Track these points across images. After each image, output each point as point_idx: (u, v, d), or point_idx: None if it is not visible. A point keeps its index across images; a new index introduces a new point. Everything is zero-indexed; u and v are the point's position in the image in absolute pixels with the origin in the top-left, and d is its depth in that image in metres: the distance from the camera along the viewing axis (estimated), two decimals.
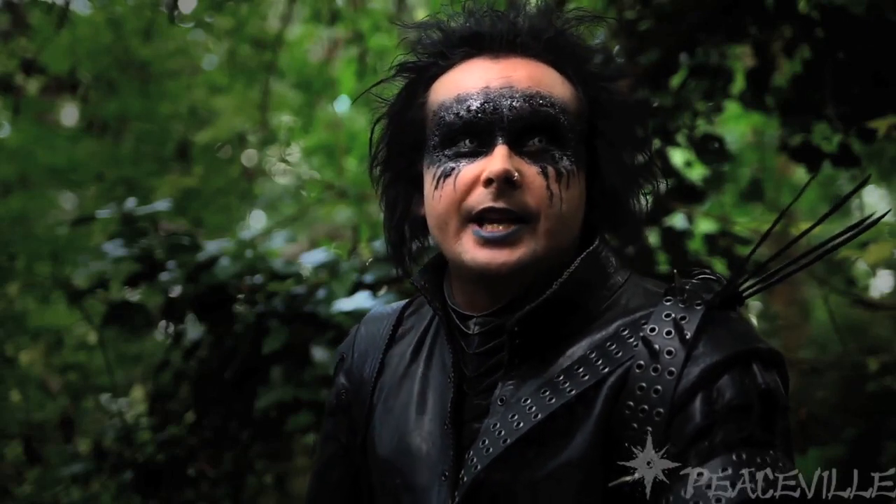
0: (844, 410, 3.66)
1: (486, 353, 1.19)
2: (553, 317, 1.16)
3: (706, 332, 1.10)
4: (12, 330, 4.28)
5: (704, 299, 1.12)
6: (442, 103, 1.18)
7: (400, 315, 1.37)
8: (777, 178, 5.85)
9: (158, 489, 3.32)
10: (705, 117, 3.59)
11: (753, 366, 1.09)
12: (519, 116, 1.14)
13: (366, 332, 1.39)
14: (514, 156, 1.13)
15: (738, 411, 1.06)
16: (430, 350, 1.28)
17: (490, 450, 1.12)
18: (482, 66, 1.18)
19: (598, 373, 1.11)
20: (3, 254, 4.37)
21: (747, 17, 3.32)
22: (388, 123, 1.25)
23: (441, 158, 1.17)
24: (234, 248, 3.34)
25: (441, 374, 1.24)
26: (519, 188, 1.12)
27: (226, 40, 5.61)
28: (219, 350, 3.25)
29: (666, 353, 1.09)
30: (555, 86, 1.17)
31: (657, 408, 1.07)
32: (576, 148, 1.17)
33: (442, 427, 1.20)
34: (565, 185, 1.14)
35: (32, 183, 5.38)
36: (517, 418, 1.13)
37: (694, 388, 1.06)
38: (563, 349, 1.15)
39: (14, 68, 4.49)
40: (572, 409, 1.11)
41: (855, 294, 3.77)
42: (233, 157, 6.00)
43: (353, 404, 1.35)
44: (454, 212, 1.15)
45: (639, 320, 1.14)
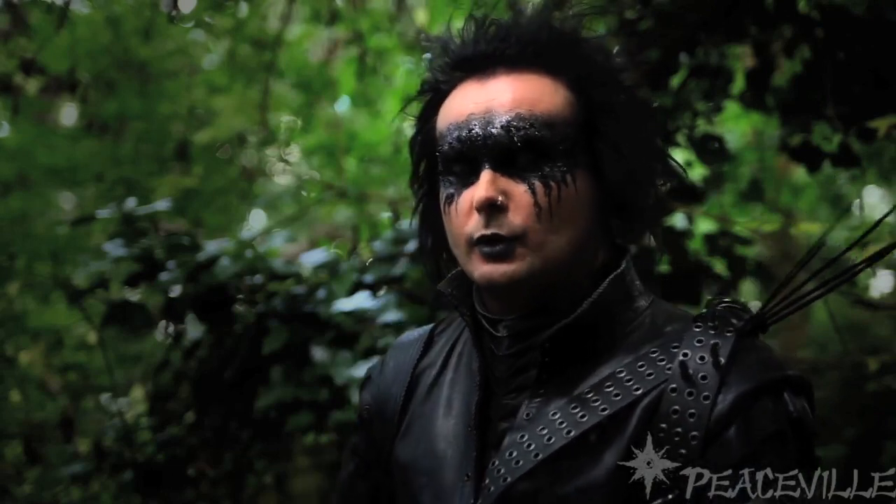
0: (844, 410, 3.66)
1: (516, 355, 1.21)
2: (580, 336, 1.18)
3: (738, 359, 1.13)
4: (12, 330, 4.28)
5: (735, 326, 1.15)
6: (440, 132, 1.23)
7: (431, 334, 1.41)
8: (777, 178, 5.85)
9: (158, 489, 3.32)
10: (705, 117, 3.59)
11: (785, 394, 1.12)
12: (497, 143, 1.17)
13: (395, 355, 1.42)
14: (502, 177, 1.17)
15: (774, 439, 1.10)
16: (458, 358, 1.32)
17: (520, 462, 1.14)
18: (471, 92, 1.21)
19: (631, 393, 1.14)
20: (3, 254, 4.36)
21: (747, 17, 3.32)
22: (412, 146, 1.31)
23: (445, 184, 1.22)
24: (234, 248, 3.35)
25: (468, 379, 1.27)
26: (507, 210, 1.16)
27: (225, 40, 5.60)
28: (219, 350, 3.26)
29: (700, 378, 1.11)
30: (540, 100, 1.18)
31: (692, 431, 1.10)
32: (570, 155, 1.18)
33: (466, 429, 1.23)
34: (556, 198, 1.17)
35: (32, 183, 5.37)
36: (547, 433, 1.15)
37: (729, 414, 1.10)
38: (591, 369, 1.18)
39: (13, 68, 4.48)
40: (604, 427, 1.13)
41: (855, 294, 3.76)
42: (232, 157, 6.00)
43: (375, 420, 1.38)
44: (461, 235, 1.20)
45: (669, 342, 1.17)
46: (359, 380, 3.03)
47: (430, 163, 1.28)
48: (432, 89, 1.28)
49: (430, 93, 1.28)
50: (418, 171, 1.31)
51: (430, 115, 1.27)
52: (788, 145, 3.47)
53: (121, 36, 5.13)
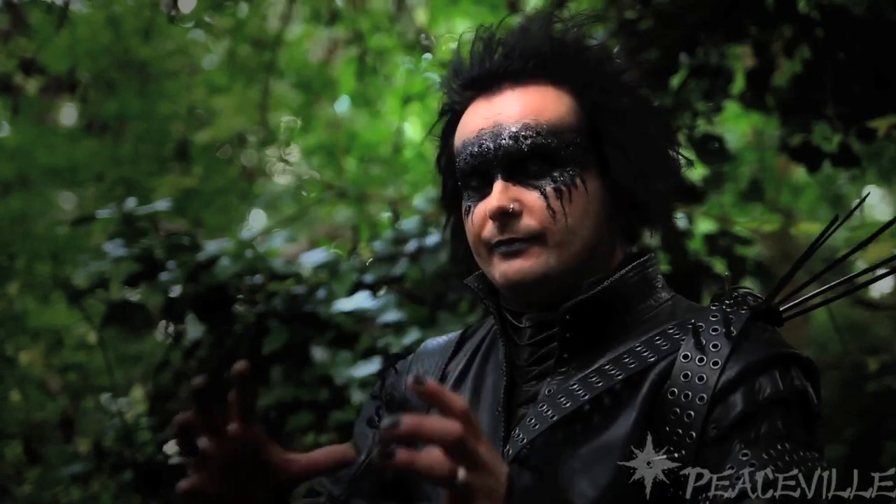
0: (844, 410, 3.66)
1: (537, 344, 1.27)
2: (602, 313, 1.24)
3: (750, 333, 1.18)
4: (12, 330, 4.28)
5: (750, 304, 1.24)
6: (457, 149, 1.30)
7: (461, 337, 1.47)
8: (777, 178, 5.85)
9: (158, 489, 3.32)
10: (705, 117, 3.59)
11: (793, 369, 1.17)
12: (507, 153, 1.24)
13: (426, 354, 1.47)
14: (514, 186, 1.24)
15: (780, 405, 1.13)
16: (486, 352, 1.38)
17: (537, 426, 1.19)
18: (480, 109, 1.28)
19: (645, 361, 1.19)
20: (3, 254, 4.36)
21: (747, 17, 3.32)
22: (438, 166, 1.40)
23: (465, 197, 1.30)
24: (234, 248, 3.35)
25: (495, 370, 1.33)
26: (520, 216, 1.23)
27: (225, 40, 5.60)
28: (219, 350, 3.25)
29: (712, 347, 1.16)
30: (545, 109, 1.25)
31: (700, 394, 1.14)
32: (578, 159, 1.24)
33: (494, 413, 1.28)
34: (567, 200, 1.23)
35: (32, 183, 5.38)
36: (564, 399, 1.19)
37: (737, 379, 1.14)
38: (610, 348, 1.23)
39: (13, 68, 4.48)
40: (618, 391, 1.18)
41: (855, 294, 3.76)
42: (232, 157, 6.00)
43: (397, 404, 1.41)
44: (479, 243, 1.28)
45: (685, 321, 1.22)
46: (359, 380, 3.03)
47: (454, 180, 1.35)
48: (449, 110, 1.36)
49: (448, 114, 1.36)
50: (446, 188, 1.38)
51: (449, 134, 1.35)
52: (788, 145, 3.46)
53: (121, 36, 5.14)
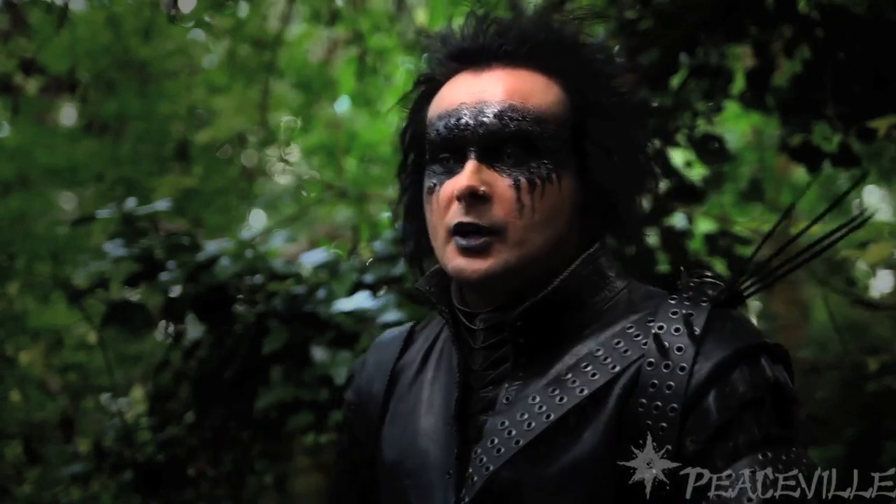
0: (844, 410, 3.65)
1: (491, 347, 1.21)
2: (555, 314, 1.18)
3: (713, 328, 1.12)
4: (12, 330, 4.28)
5: (710, 296, 1.16)
6: (431, 120, 1.22)
7: (411, 331, 1.41)
8: (777, 178, 5.85)
9: (158, 489, 3.32)
10: (705, 117, 3.59)
11: (762, 360, 1.12)
12: (489, 132, 1.16)
13: (376, 352, 1.42)
14: (487, 169, 1.17)
15: (752, 405, 1.09)
16: (439, 355, 1.32)
17: (501, 450, 1.14)
18: (464, 82, 1.21)
19: (609, 371, 1.14)
20: (3, 254, 4.36)
21: (747, 17, 3.32)
22: (403, 136, 1.31)
23: (430, 173, 1.22)
24: (234, 248, 3.34)
25: (448, 375, 1.27)
26: (489, 201, 1.16)
27: (225, 40, 5.60)
28: (219, 350, 3.25)
29: (676, 350, 1.11)
30: (533, 95, 1.19)
31: (671, 403, 1.09)
32: (557, 154, 1.19)
33: (446, 426, 1.23)
34: (539, 195, 1.17)
35: (32, 183, 5.38)
36: (527, 418, 1.14)
37: (707, 383, 1.09)
38: (568, 347, 1.18)
39: (13, 68, 4.48)
40: (583, 408, 1.13)
41: (855, 294, 3.76)
42: (232, 157, 6.00)
43: (357, 420, 1.38)
44: (440, 225, 1.20)
45: (645, 318, 1.16)
46: None
47: (419, 154, 1.28)
48: (427, 80, 1.28)
49: (425, 84, 1.28)
50: (407, 162, 1.30)
51: (423, 105, 1.27)
52: (788, 145, 3.47)
53: (121, 36, 5.14)
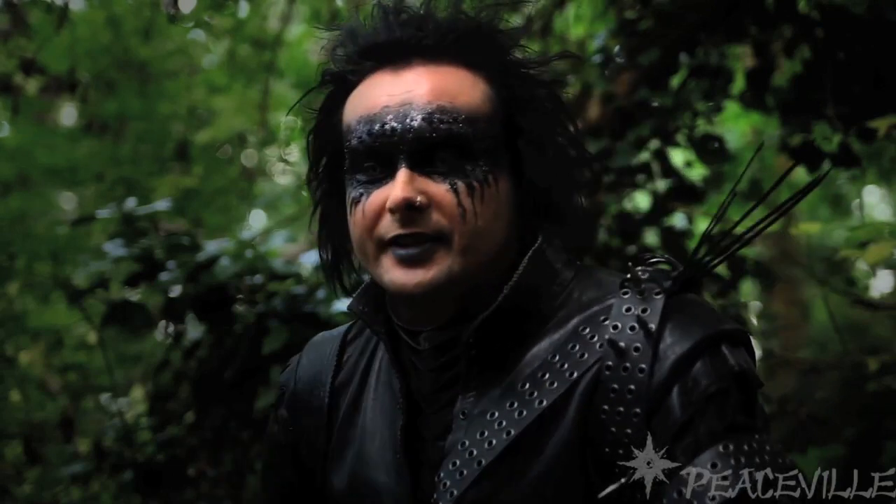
0: (844, 410, 3.65)
1: (441, 368, 1.14)
2: (507, 323, 1.12)
3: (669, 321, 1.07)
4: (12, 330, 4.28)
5: (663, 287, 1.09)
6: (349, 125, 1.13)
7: (343, 340, 1.31)
8: (777, 178, 5.84)
9: (158, 489, 3.32)
10: (705, 117, 3.59)
11: (723, 348, 1.07)
12: (419, 138, 1.08)
13: (307, 361, 1.33)
14: (420, 177, 1.09)
15: (716, 398, 1.04)
16: (377, 376, 1.23)
17: (464, 472, 1.09)
18: (384, 83, 1.12)
19: (566, 379, 1.08)
20: (3, 254, 4.36)
21: (747, 17, 3.32)
22: (313, 140, 1.22)
23: (353, 183, 1.13)
24: (234, 248, 3.34)
25: (389, 401, 1.19)
26: (427, 209, 1.08)
27: (225, 40, 5.61)
28: (219, 350, 3.25)
29: (633, 351, 1.06)
30: (461, 93, 1.11)
31: (633, 408, 1.05)
32: (491, 154, 1.12)
33: (394, 456, 1.16)
34: (479, 199, 1.09)
35: (32, 183, 5.38)
36: (487, 436, 1.10)
37: (668, 382, 1.04)
38: (522, 354, 1.12)
39: (13, 68, 4.48)
40: (543, 419, 1.08)
41: (855, 294, 3.76)
42: (232, 157, 6.00)
43: (301, 439, 1.30)
44: (368, 238, 1.12)
45: (597, 315, 1.10)
46: None
47: (333, 160, 1.19)
48: (337, 80, 1.18)
49: (335, 83, 1.18)
50: (318, 168, 1.21)
51: (335, 107, 1.17)
52: (788, 145, 3.46)
53: (121, 36, 5.14)
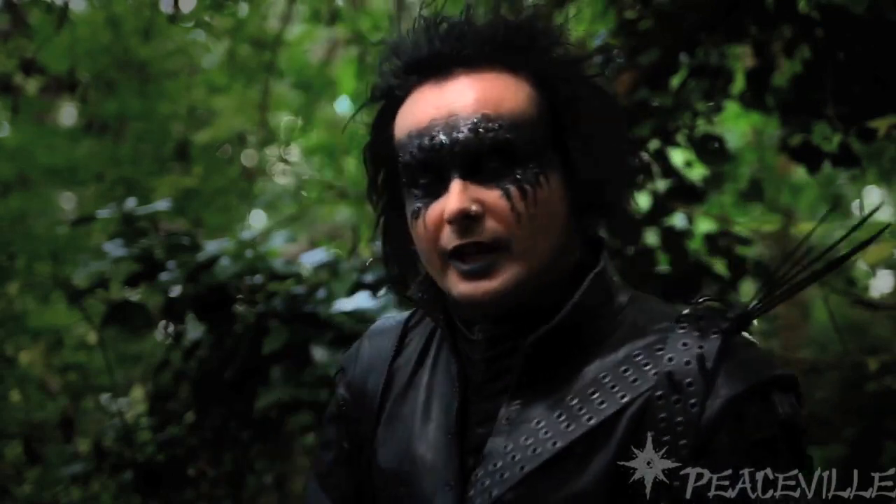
0: (844, 410, 3.66)
1: (492, 359, 1.17)
2: (563, 338, 1.14)
3: (725, 361, 1.09)
4: (12, 330, 4.28)
5: (721, 328, 1.12)
6: (399, 141, 1.16)
7: (404, 327, 1.34)
8: (777, 178, 5.85)
9: (158, 489, 3.32)
10: (705, 117, 3.59)
11: (773, 396, 1.10)
12: (466, 148, 1.10)
13: (370, 345, 1.36)
14: (473, 185, 1.11)
15: (764, 445, 1.07)
16: (434, 357, 1.27)
17: (505, 475, 1.12)
18: (429, 96, 1.14)
19: (617, 401, 1.11)
20: (3, 254, 4.36)
21: (747, 17, 3.32)
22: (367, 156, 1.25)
23: (411, 197, 1.16)
24: (234, 248, 3.34)
25: (446, 383, 1.23)
26: (483, 218, 1.11)
27: (225, 40, 5.61)
28: (219, 350, 3.25)
29: (687, 385, 1.08)
30: (504, 99, 1.13)
31: (681, 440, 1.07)
32: (540, 155, 1.13)
33: (446, 436, 1.19)
34: (532, 201, 1.11)
35: (32, 183, 5.38)
36: (532, 443, 1.12)
37: (718, 420, 1.07)
38: (572, 370, 1.15)
39: (13, 68, 4.48)
40: (591, 437, 1.10)
41: (855, 294, 3.77)
42: (232, 157, 6.01)
43: (353, 417, 1.33)
44: (433, 250, 1.15)
45: (653, 345, 1.13)
46: None
47: (390, 173, 1.22)
48: (386, 95, 1.20)
49: (384, 99, 1.21)
50: (376, 181, 1.24)
51: (386, 122, 1.20)
52: (788, 145, 3.47)
53: (121, 36, 5.14)
